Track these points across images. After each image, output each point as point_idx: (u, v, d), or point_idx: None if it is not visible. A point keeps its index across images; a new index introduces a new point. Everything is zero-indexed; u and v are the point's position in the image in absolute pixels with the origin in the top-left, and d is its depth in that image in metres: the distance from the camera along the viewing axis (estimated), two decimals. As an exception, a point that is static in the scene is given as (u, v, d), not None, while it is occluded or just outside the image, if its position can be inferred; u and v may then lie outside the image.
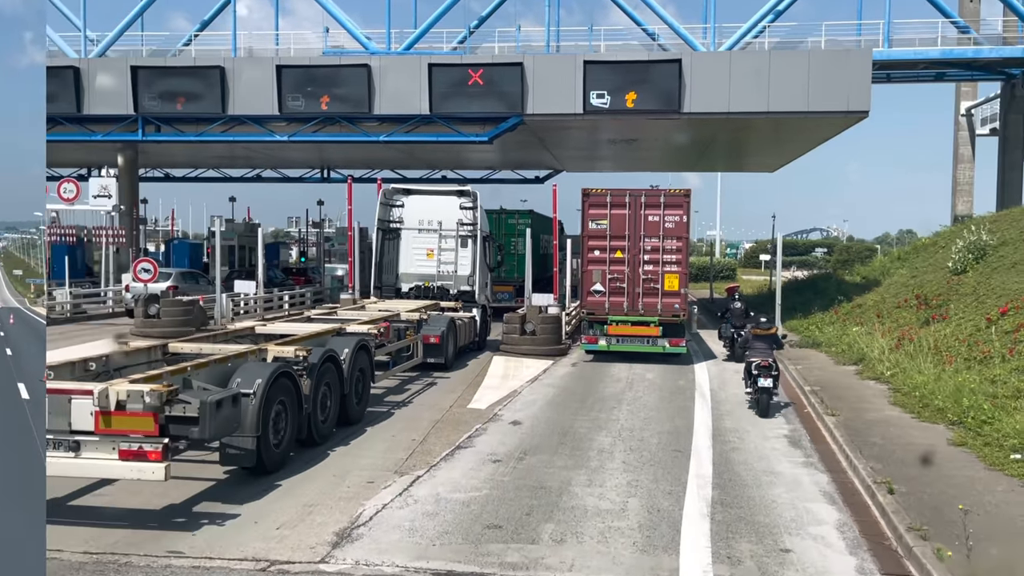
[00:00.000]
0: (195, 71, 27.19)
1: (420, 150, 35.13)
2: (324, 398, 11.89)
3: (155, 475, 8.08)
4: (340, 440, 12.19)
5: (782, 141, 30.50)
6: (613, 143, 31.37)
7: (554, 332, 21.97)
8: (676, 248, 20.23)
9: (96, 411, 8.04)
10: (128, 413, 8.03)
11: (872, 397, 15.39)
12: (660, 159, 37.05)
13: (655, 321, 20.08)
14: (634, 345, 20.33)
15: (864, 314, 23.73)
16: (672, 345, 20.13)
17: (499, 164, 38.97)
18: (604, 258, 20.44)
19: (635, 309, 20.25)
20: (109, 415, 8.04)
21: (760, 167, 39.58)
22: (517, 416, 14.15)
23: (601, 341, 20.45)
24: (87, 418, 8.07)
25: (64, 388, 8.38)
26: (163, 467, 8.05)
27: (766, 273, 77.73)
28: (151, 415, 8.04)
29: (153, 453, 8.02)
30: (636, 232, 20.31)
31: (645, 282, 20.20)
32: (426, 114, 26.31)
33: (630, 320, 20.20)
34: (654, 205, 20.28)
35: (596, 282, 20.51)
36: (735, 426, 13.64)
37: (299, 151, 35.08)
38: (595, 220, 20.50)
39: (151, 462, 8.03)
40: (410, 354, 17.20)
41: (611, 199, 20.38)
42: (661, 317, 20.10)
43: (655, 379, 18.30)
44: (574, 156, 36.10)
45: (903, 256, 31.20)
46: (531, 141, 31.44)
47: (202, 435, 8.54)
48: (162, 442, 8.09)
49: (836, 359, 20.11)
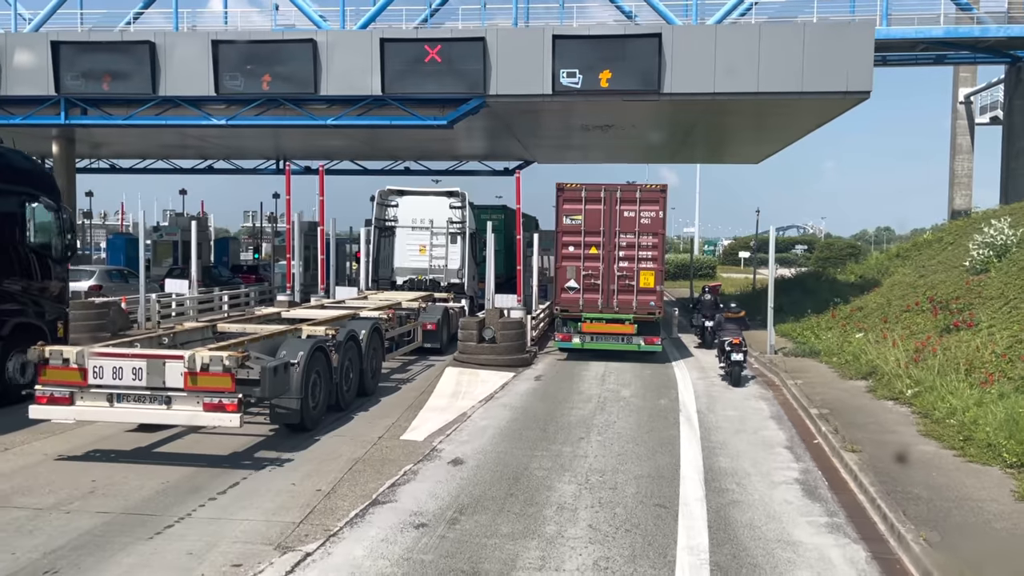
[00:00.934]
0: (122, 47, 23.94)
1: (381, 140, 32.24)
2: (347, 371, 13.58)
3: (231, 423, 9.98)
4: (360, 407, 13.94)
5: (771, 127, 27.63)
6: (587, 130, 28.38)
7: (517, 339, 19.01)
8: (652, 244, 19.70)
9: (185, 372, 9.84)
10: (211, 374, 9.80)
11: (895, 424, 12.50)
12: (637, 149, 34.11)
13: (630, 319, 19.49)
14: (608, 343, 19.75)
15: (867, 318, 20.90)
16: (647, 343, 19.59)
17: (466, 154, 35.98)
18: (579, 254, 19.84)
19: (610, 306, 19.67)
20: (196, 375, 9.84)
21: (744, 158, 36.71)
22: (460, 451, 11.16)
23: (575, 339, 19.85)
24: (178, 377, 9.88)
25: (160, 354, 10.34)
26: (238, 416, 9.90)
27: (747, 271, 75.13)
28: (229, 375, 9.81)
29: (230, 405, 9.83)
30: (611, 228, 19.75)
31: (620, 279, 19.63)
32: (378, 95, 23.26)
33: (604, 318, 19.60)
34: (630, 201, 19.69)
35: (570, 279, 19.85)
36: (732, 466, 10.70)
37: (253, 139, 31.95)
38: (569, 215, 19.89)
39: (228, 413, 9.86)
40: (411, 339, 19.05)
41: (586, 194, 19.78)
42: (636, 315, 19.50)
43: (632, 398, 15.37)
44: (545, 145, 33.11)
45: (902, 253, 28.41)
46: (498, 128, 28.46)
47: (262, 394, 10.47)
48: (237, 396, 9.86)
49: (840, 371, 17.25)
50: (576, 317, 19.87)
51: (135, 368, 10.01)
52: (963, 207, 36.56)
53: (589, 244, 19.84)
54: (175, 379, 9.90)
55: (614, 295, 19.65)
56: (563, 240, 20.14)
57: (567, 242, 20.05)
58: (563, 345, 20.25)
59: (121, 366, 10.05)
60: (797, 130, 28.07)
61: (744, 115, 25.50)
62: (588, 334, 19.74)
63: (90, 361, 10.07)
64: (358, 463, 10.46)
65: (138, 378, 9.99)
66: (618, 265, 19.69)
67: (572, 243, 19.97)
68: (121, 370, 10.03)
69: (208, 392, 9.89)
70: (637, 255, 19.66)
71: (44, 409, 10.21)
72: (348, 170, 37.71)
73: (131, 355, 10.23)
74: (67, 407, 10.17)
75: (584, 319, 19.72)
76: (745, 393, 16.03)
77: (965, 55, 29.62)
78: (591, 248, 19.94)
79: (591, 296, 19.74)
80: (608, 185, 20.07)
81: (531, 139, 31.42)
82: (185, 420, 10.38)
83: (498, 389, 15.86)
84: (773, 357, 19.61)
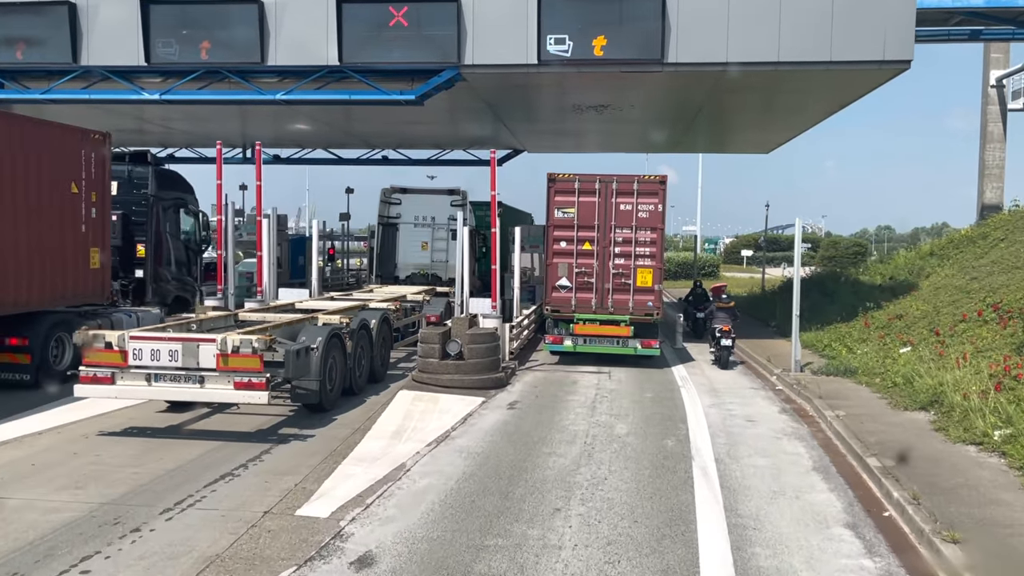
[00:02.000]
0: (36, 7, 20.17)
1: (354, 124, 28.61)
2: (360, 357, 13.96)
3: (260, 400, 10.72)
4: (371, 391, 14.19)
5: (788, 109, 23.89)
6: (580, 111, 24.67)
7: (489, 354, 15.31)
8: (650, 240, 18.16)
9: (217, 354, 10.57)
10: (241, 355, 10.54)
11: (994, 487, 8.83)
12: (636, 137, 30.34)
13: (626, 320, 17.94)
14: (603, 346, 18.21)
15: (911, 328, 17.26)
16: (644, 347, 17.95)
17: (449, 142, 32.26)
18: (571, 250, 18.37)
19: (604, 307, 18.17)
20: (227, 356, 10.56)
21: (753, 147, 32.91)
22: (377, 538, 7.46)
23: (567, 341, 18.27)
24: (211, 359, 10.60)
25: (194, 337, 11.08)
26: (266, 395, 10.66)
27: (749, 269, 71.72)
28: (258, 356, 10.55)
29: (259, 384, 10.58)
30: (606, 222, 18.27)
31: (615, 277, 18.14)
32: (336, 66, 19.57)
33: (598, 319, 18.08)
34: (627, 193, 18.27)
35: (562, 276, 18.41)
36: (777, 566, 7.07)
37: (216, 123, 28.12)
38: (561, 208, 18.44)
39: (257, 391, 10.61)
40: (415, 330, 18.53)
41: (579, 185, 18.35)
42: (633, 316, 17.98)
43: (629, 436, 11.69)
44: (536, 131, 29.37)
45: (938, 251, 24.69)
46: (480, 110, 24.76)
47: (286, 375, 11.34)
48: (265, 376, 10.63)
49: (889, 399, 13.59)
50: (568, 318, 18.28)
51: (171, 350, 10.71)
52: (994, 201, 32.81)
53: (582, 239, 18.35)
54: (208, 360, 10.59)
55: (609, 294, 18.13)
56: (554, 235, 18.54)
57: (558, 237, 18.49)
58: (553, 348, 18.56)
59: (158, 348, 10.74)
60: (817, 112, 24.35)
61: (759, 92, 21.80)
62: (581, 336, 18.14)
63: (130, 344, 10.75)
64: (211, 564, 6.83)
65: (174, 359, 10.68)
66: (613, 262, 18.16)
67: (564, 238, 18.44)
68: (158, 352, 10.73)
69: (239, 372, 10.56)
70: (634, 251, 18.11)
71: (88, 388, 10.95)
72: (321, 159, 33.97)
73: (167, 339, 10.92)
74: (108, 386, 10.89)
75: (576, 320, 18.13)
76: (772, 428, 12.38)
77: (1005, 31, 25.88)
78: (584, 244, 18.43)
79: (584, 295, 18.25)
80: (603, 176, 18.44)
81: (519, 123, 27.67)
82: (217, 398, 11.11)
83: (458, 423, 12.19)
84: (800, 376, 15.97)
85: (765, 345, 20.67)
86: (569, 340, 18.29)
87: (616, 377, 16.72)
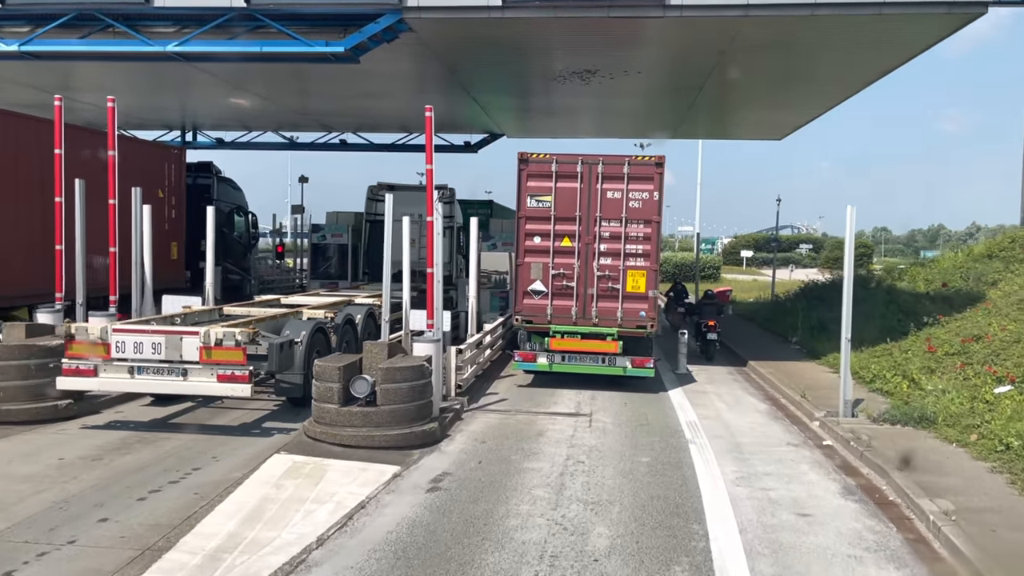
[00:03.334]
0: None
1: (305, 101, 24.08)
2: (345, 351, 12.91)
3: (243, 392, 10.42)
4: None
5: (819, 74, 18.84)
6: (563, 81, 19.72)
7: (414, 396, 10.37)
8: (643, 235, 15.00)
9: (200, 346, 10.40)
10: (224, 348, 10.33)
11: None
12: (631, 117, 25.32)
13: (613, 334, 14.78)
14: (585, 365, 15.01)
15: (1002, 356, 12.41)
16: (636, 366, 14.78)
17: (416, 124, 27.31)
18: (547, 247, 15.17)
19: (587, 317, 15.02)
20: (210, 349, 10.38)
21: (765, 130, 27.71)
22: None
23: (541, 359, 15.07)
24: (194, 351, 10.43)
25: (177, 330, 10.93)
26: (249, 387, 10.34)
27: (750, 271, 66.99)
28: (241, 349, 10.31)
29: (242, 376, 10.29)
30: (590, 213, 15.04)
31: (601, 280, 14.99)
32: (243, 8, 14.88)
33: (580, 331, 14.89)
34: (615, 177, 15.08)
35: (536, 279, 15.21)
36: None
37: (139, 96, 23.14)
38: (535, 196, 15.30)
39: (240, 383, 10.32)
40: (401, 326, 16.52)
41: (557, 168, 15.18)
42: (622, 328, 14.82)
43: (611, 559, 6.86)
44: (511, 108, 24.42)
45: (996, 253, 19.80)
46: (443, 78, 19.91)
47: (270, 368, 11.01)
48: (248, 368, 10.33)
49: (1006, 472, 8.81)
50: (543, 330, 15.04)
51: (154, 343, 10.56)
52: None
53: (561, 234, 15.11)
54: (191, 353, 10.43)
55: (593, 302, 14.94)
56: (526, 228, 15.25)
57: (532, 231, 15.22)
58: (526, 367, 15.24)
59: (141, 341, 10.60)
60: (852, 80, 19.39)
61: (783, 52, 16.99)
62: (558, 353, 14.89)
63: (113, 337, 10.62)
64: None
65: (157, 352, 10.52)
66: (599, 262, 14.93)
67: (538, 232, 15.18)
68: (141, 345, 10.57)
69: (222, 364, 10.37)
70: (624, 249, 14.87)
71: (71, 380, 10.79)
72: (271, 144, 29.04)
73: (150, 331, 10.79)
74: (91, 378, 10.77)
75: (553, 333, 14.86)
76: (841, 533, 7.56)
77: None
78: (563, 239, 15.14)
79: (562, 303, 15.02)
80: (587, 156, 15.22)
81: (491, 97, 22.75)
82: (200, 390, 10.92)
83: (331, 529, 7.34)
84: (855, 424, 11.20)
85: (791, 370, 15.97)
86: (544, 357, 14.98)
87: (599, 422, 11.97)
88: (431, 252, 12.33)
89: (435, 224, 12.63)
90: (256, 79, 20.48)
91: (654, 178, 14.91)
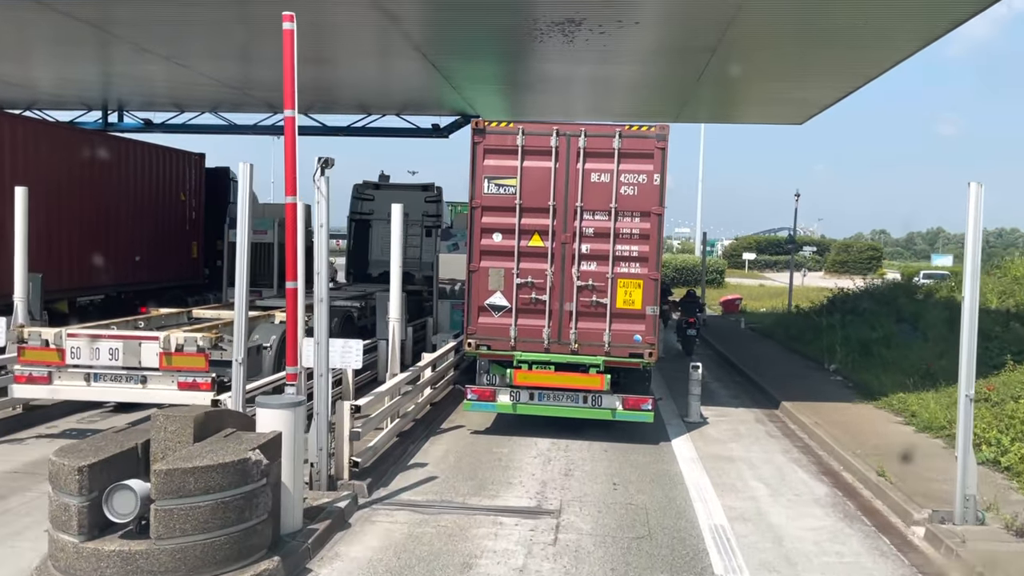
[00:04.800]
0: None
1: (247, 73, 20.42)
2: None
3: (205, 402, 9.37)
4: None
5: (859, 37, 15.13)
6: (542, 37, 15.89)
7: (226, 518, 6.25)
8: (640, 232, 11.78)
9: (160, 352, 10.24)
10: (185, 354, 10.18)
11: None
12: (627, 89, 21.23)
13: (598, 364, 11.60)
14: (560, 407, 11.91)
15: None
16: (629, 408, 11.63)
17: (376, 102, 23.62)
18: (510, 247, 12.00)
19: (563, 341, 11.83)
20: (171, 355, 10.22)
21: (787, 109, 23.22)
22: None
23: (502, 397, 11.96)
24: (153, 358, 10.27)
25: (135, 335, 10.72)
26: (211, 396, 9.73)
27: (751, 275, 63.79)
28: (203, 355, 10.18)
29: (204, 384, 10.14)
30: (569, 202, 11.92)
31: (583, 293, 11.83)
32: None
33: (554, 361, 11.77)
34: (603, 154, 11.88)
35: (495, 290, 12.01)
36: None
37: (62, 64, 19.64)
38: (495, 179, 12.03)
39: (202, 391, 10.06)
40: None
41: (525, 141, 11.92)
42: (610, 357, 11.68)
43: None
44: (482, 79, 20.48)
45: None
46: (391, 36, 16.14)
47: None
48: (211, 376, 10.20)
49: None
50: (504, 358, 12.08)
51: (111, 349, 10.30)
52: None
53: (529, 230, 12.04)
54: (151, 359, 10.27)
55: (571, 321, 11.89)
56: (483, 222, 12.19)
57: (490, 226, 12.17)
58: (481, 408, 12.20)
59: (98, 347, 10.36)
60: (900, 45, 15.78)
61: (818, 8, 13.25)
62: (525, 389, 11.96)
63: (67, 342, 10.37)
64: None
65: (114, 358, 10.26)
66: (579, 268, 11.91)
67: (499, 227, 12.12)
68: (98, 351, 10.32)
69: (183, 371, 10.24)
70: (613, 251, 11.76)
71: (24, 388, 10.57)
72: (208, 126, 25.23)
73: (107, 336, 10.53)
74: (44, 386, 10.49)
75: (518, 363, 11.89)
76: None
77: None
78: (532, 237, 12.05)
79: (531, 322, 12.02)
80: (565, 126, 12.28)
81: (456, 65, 18.91)
82: (160, 399, 10.32)
83: None
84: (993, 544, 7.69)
85: (843, 418, 12.45)
86: (506, 395, 12.01)
87: (570, 532, 8.35)
88: (292, 258, 8.59)
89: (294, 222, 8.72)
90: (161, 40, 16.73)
91: (655, 155, 11.83)
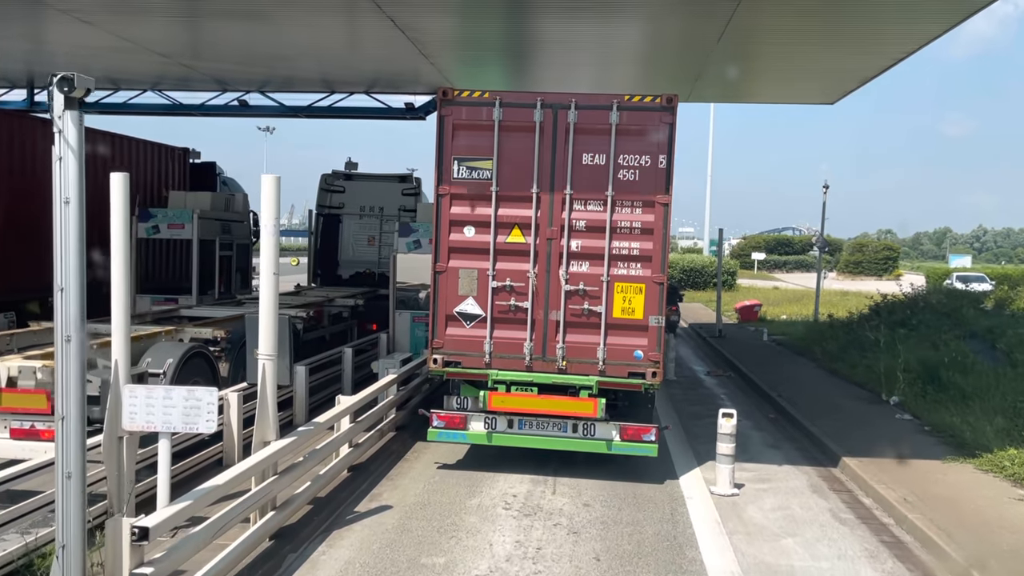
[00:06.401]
0: None
1: (206, 49, 17.99)
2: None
3: (47, 455, 7.39)
4: None
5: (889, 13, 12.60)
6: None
7: None
8: (641, 226, 9.90)
9: None
10: (20, 390, 8.05)
11: None
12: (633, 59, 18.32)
13: (591, 386, 9.89)
14: (545, 436, 10.17)
15: None
16: (628, 439, 9.91)
17: (341, 76, 21.03)
18: (485, 244, 10.12)
19: (549, 358, 10.05)
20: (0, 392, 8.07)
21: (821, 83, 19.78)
22: None
23: (474, 424, 10.22)
24: None
25: None
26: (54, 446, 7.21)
27: (761, 276, 61.95)
28: (44, 392, 7.97)
29: (46, 432, 7.89)
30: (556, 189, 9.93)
31: (573, 299, 9.98)
32: None
33: (537, 382, 10.02)
34: (597, 130, 9.93)
35: (466, 295, 10.15)
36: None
37: None
38: (466, 160, 10.04)
39: (44, 441, 7.87)
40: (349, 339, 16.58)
41: (503, 114, 9.99)
42: (605, 377, 9.90)
43: None
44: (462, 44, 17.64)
45: None
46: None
47: (102, 415, 7.35)
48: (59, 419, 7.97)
49: None
50: (477, 378, 10.30)
51: None
52: None
53: (508, 223, 10.17)
54: None
55: (558, 333, 10.12)
56: (452, 213, 10.26)
57: (460, 218, 10.26)
58: (449, 437, 10.47)
59: None
60: (948, 10, 13.15)
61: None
62: (502, 415, 10.20)
63: None
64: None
65: None
66: (568, 269, 10.05)
67: (471, 220, 10.24)
68: None
69: (17, 414, 8.14)
70: (609, 249, 9.89)
71: None
72: (149, 105, 22.55)
73: None
74: None
75: (494, 384, 10.13)
76: None
77: None
78: (512, 232, 10.15)
79: (510, 334, 10.20)
80: (551, 96, 10.20)
81: (429, 27, 16.20)
82: None
83: None
84: None
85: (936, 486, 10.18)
86: (479, 422, 10.33)
87: None
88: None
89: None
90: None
91: (660, 132, 9.89)
